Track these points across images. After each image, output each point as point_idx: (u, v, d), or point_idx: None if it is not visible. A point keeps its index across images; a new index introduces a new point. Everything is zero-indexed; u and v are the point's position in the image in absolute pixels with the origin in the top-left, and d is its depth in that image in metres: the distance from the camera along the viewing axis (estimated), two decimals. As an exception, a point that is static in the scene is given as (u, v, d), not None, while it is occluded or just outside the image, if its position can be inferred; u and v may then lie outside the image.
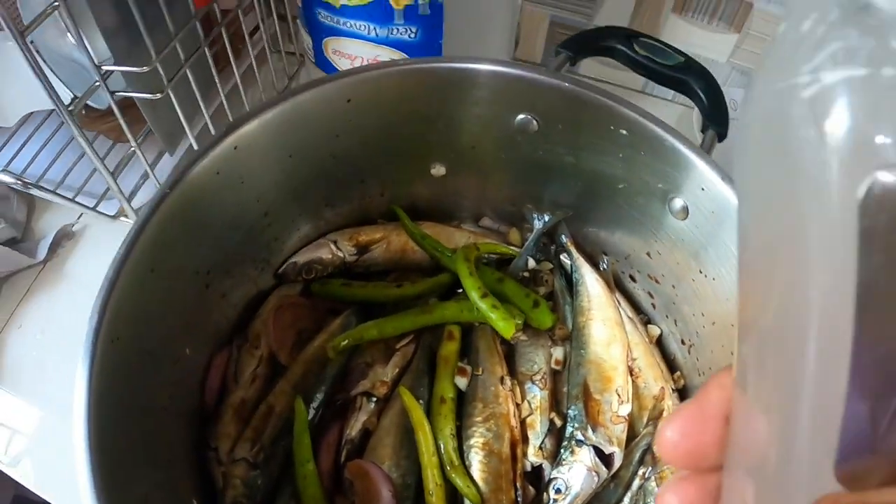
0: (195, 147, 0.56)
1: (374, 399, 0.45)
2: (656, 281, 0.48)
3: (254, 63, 0.62)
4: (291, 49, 0.65)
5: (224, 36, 0.55)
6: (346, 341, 0.46)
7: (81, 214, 0.62)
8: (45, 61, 0.57)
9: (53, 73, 0.58)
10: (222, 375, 0.47)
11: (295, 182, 0.46)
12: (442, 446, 0.43)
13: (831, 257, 0.12)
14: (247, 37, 0.59)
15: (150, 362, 0.39)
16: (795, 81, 0.12)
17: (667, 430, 0.17)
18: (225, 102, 0.58)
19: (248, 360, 0.47)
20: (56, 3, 0.45)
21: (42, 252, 0.59)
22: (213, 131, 0.58)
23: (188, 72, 0.52)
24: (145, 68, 0.48)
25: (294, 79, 0.64)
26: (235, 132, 0.41)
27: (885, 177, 0.11)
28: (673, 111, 0.67)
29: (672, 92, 0.52)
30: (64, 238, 0.61)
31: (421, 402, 0.45)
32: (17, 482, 0.50)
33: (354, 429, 0.44)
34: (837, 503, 0.13)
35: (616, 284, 0.51)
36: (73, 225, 0.62)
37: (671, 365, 0.49)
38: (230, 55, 0.57)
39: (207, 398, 0.46)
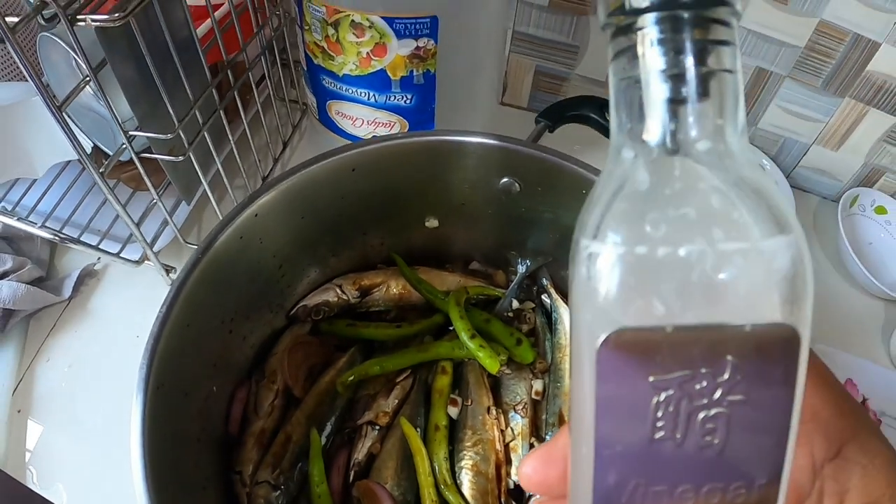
0: (209, 194, 0.62)
1: (378, 427, 0.52)
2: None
3: (260, 110, 0.67)
4: (294, 97, 0.71)
5: (237, 98, 0.60)
6: (353, 377, 0.52)
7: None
8: (69, 116, 0.62)
9: (75, 123, 0.62)
10: (244, 407, 0.53)
11: (306, 238, 0.52)
12: (437, 468, 0.50)
13: (589, 375, 0.17)
14: (254, 88, 0.65)
15: (186, 401, 0.45)
16: (585, 242, 0.17)
17: (523, 466, 0.22)
18: (235, 150, 0.64)
19: (266, 393, 0.53)
20: (87, 78, 0.50)
21: (67, 290, 0.64)
22: (224, 178, 0.63)
23: (205, 134, 0.57)
24: (169, 135, 0.53)
25: (297, 127, 0.70)
26: (256, 202, 0.47)
27: (615, 335, 0.16)
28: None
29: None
30: (87, 276, 0.66)
31: (418, 429, 0.51)
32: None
33: (361, 453, 0.50)
34: None
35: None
36: (95, 264, 0.67)
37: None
38: (239, 107, 0.63)
39: (231, 428, 0.52)
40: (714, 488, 0.17)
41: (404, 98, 0.56)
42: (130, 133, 0.53)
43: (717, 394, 0.17)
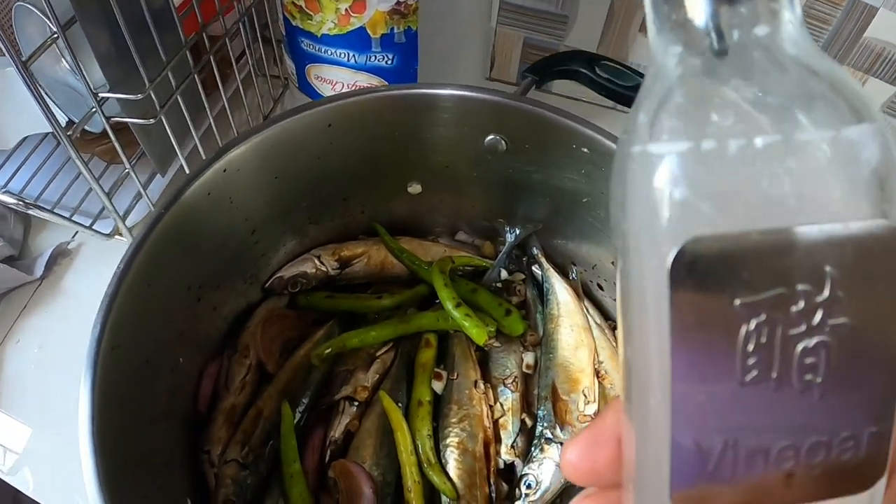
0: (186, 169, 0.59)
1: (356, 403, 0.48)
2: (620, 288, 0.52)
3: (240, 87, 0.65)
4: (276, 72, 0.69)
5: (212, 62, 0.58)
6: (330, 350, 0.49)
7: (77, 233, 0.65)
8: (41, 86, 0.60)
9: (49, 97, 0.60)
10: (214, 383, 0.49)
11: (281, 202, 0.49)
12: (420, 446, 0.46)
13: (657, 310, 0.14)
14: (234, 62, 0.63)
15: (149, 371, 0.42)
16: (638, 147, 0.14)
17: (566, 452, 0.18)
18: (213, 125, 0.61)
19: (238, 368, 0.49)
20: (55, 35, 0.48)
21: (39, 269, 0.62)
22: (202, 153, 0.61)
23: (179, 98, 0.55)
24: (139, 96, 0.51)
25: (279, 102, 0.68)
26: (225, 156, 0.44)
27: (690, 246, 0.13)
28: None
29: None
30: (60, 255, 0.64)
31: (400, 405, 0.48)
32: (16, 489, 0.53)
33: (338, 431, 0.47)
34: None
35: (585, 292, 0.54)
36: (68, 243, 0.65)
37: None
38: (218, 80, 0.61)
39: (200, 405, 0.48)
40: (818, 443, 0.14)
41: (385, 58, 0.53)
42: (101, 95, 0.51)
43: (817, 317, 0.14)
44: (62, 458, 0.52)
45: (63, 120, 0.61)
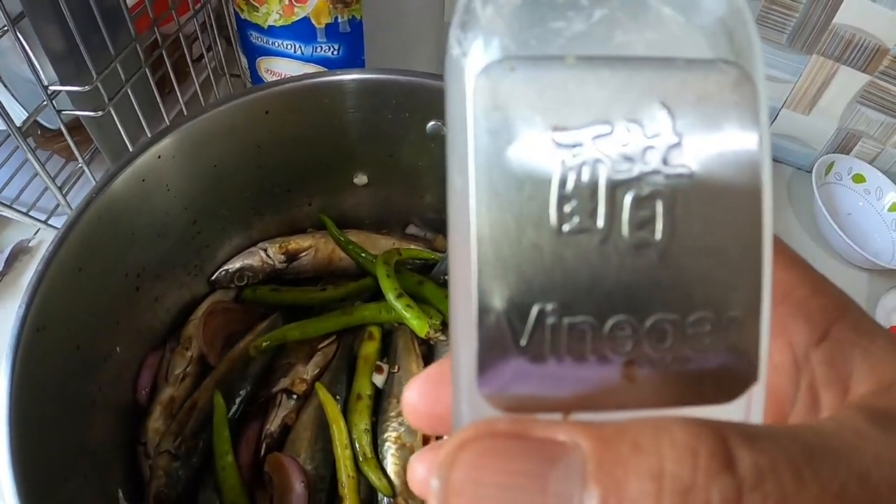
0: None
1: (295, 396, 0.47)
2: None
3: (198, 87, 0.65)
4: (237, 72, 0.69)
5: (166, 59, 0.58)
6: (268, 342, 0.48)
7: (38, 231, 0.65)
8: (3, 83, 0.60)
9: (10, 92, 0.61)
10: (154, 374, 0.49)
11: (221, 191, 0.49)
12: (356, 440, 0.45)
13: (463, 144, 0.12)
14: (190, 61, 0.63)
15: (78, 357, 0.41)
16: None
17: (407, 391, 0.16)
18: (168, 124, 0.62)
19: (179, 360, 0.49)
20: (5, 28, 0.48)
21: (-1, 266, 0.62)
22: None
23: (129, 92, 0.55)
24: (87, 87, 0.51)
25: (241, 99, 0.68)
26: (159, 142, 0.44)
27: (493, 66, 0.12)
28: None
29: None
30: (20, 253, 0.64)
31: (338, 398, 0.47)
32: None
33: (274, 424, 0.46)
34: (492, 429, 0.11)
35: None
36: (29, 241, 0.65)
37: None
38: (173, 78, 0.61)
39: (139, 396, 0.48)
40: (662, 324, 0.12)
41: (331, 49, 0.53)
42: (52, 88, 0.52)
43: (651, 160, 0.12)
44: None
45: (23, 116, 0.62)
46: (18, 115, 0.57)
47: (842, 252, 0.64)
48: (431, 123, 0.48)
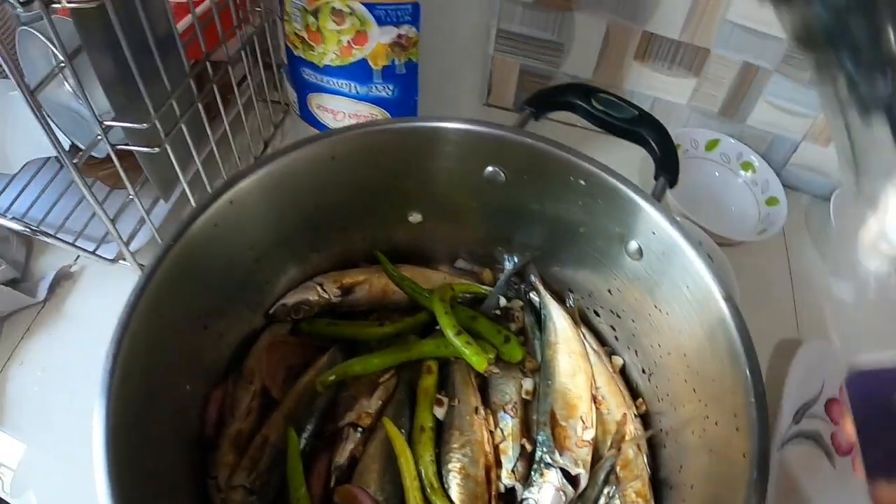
0: (189, 195, 0.60)
1: (360, 429, 0.49)
2: (618, 315, 0.53)
3: (242, 112, 0.66)
4: (276, 97, 0.70)
5: (215, 89, 0.59)
6: (334, 377, 0.50)
7: (79, 256, 0.66)
8: (46, 112, 0.60)
9: (52, 120, 0.61)
10: (219, 408, 0.50)
11: (284, 231, 0.50)
12: (423, 471, 0.47)
13: None
14: (235, 87, 0.64)
15: (156, 398, 0.43)
16: None
17: None
18: (215, 150, 0.62)
19: (243, 394, 0.50)
20: (62, 64, 0.49)
21: (42, 292, 0.62)
22: (204, 178, 0.62)
23: (183, 126, 0.56)
24: (145, 125, 0.52)
25: (279, 127, 0.69)
26: (232, 189, 0.45)
27: None
28: (637, 150, 0.72)
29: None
30: (63, 278, 0.64)
31: (403, 431, 0.49)
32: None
33: (343, 456, 0.48)
34: None
35: (581, 319, 0.55)
36: (71, 266, 0.65)
37: (634, 392, 0.53)
38: (220, 106, 0.62)
39: (206, 430, 0.49)
40: None
41: (386, 89, 0.54)
42: (106, 123, 0.52)
43: None
44: (66, 479, 0.53)
45: (66, 143, 0.62)
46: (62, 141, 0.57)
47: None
48: (489, 169, 0.50)
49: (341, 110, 0.57)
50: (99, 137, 0.53)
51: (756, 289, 0.67)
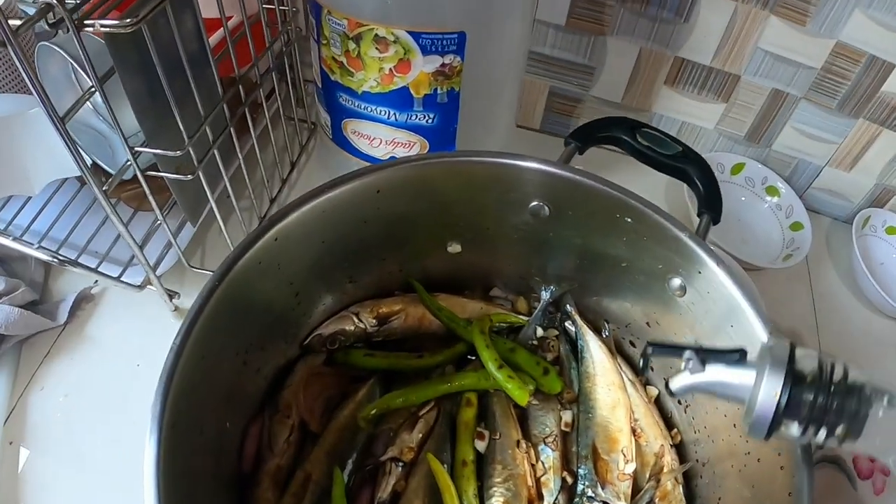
0: (217, 215, 0.59)
1: (402, 463, 0.49)
2: (654, 347, 0.53)
3: (270, 128, 0.64)
4: (302, 116, 0.68)
5: (248, 116, 0.57)
6: (375, 410, 0.49)
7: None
8: (67, 132, 0.59)
9: (74, 142, 0.59)
10: (257, 443, 0.49)
11: (324, 264, 0.50)
12: (467, 507, 0.47)
13: None
14: (265, 106, 0.62)
15: (201, 438, 0.42)
16: None
17: None
18: (244, 167, 0.61)
19: (281, 428, 0.50)
20: (93, 89, 0.47)
21: (63, 315, 0.61)
22: (233, 200, 0.60)
23: (216, 151, 0.54)
24: (178, 152, 0.50)
25: (305, 147, 0.67)
26: (277, 225, 0.44)
27: None
28: (663, 178, 0.72)
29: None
30: (84, 301, 0.63)
31: (444, 465, 0.49)
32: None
33: (385, 491, 0.47)
34: None
35: (617, 348, 0.55)
36: (91, 288, 0.64)
37: (668, 422, 0.54)
38: (251, 126, 0.60)
39: (245, 465, 0.48)
40: None
41: (426, 117, 0.53)
42: (136, 149, 0.50)
43: None
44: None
45: (87, 162, 0.60)
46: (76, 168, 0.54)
47: (876, 302, 0.68)
48: (533, 203, 0.49)
49: (378, 136, 0.56)
50: (128, 164, 0.51)
51: (778, 312, 0.68)
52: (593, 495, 0.48)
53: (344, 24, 0.49)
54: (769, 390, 0.29)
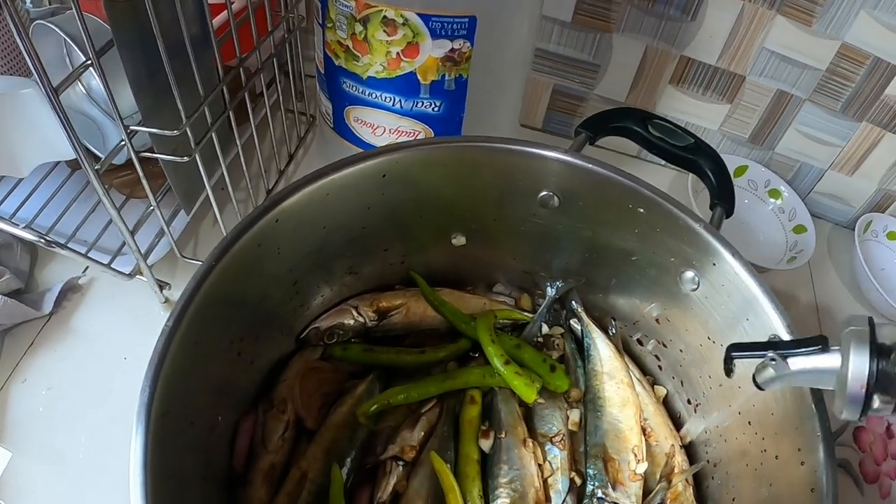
0: (213, 204, 0.57)
1: (403, 462, 0.47)
2: (664, 345, 0.52)
3: (269, 119, 0.63)
4: (301, 108, 0.67)
5: (247, 100, 0.56)
6: (376, 406, 0.47)
7: (88, 267, 0.62)
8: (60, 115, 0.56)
9: (67, 125, 0.57)
10: (250, 439, 0.47)
11: (325, 252, 0.48)
12: (471, 507, 0.45)
13: None
14: (265, 94, 0.61)
15: (191, 432, 0.40)
16: None
17: None
18: (241, 155, 0.59)
19: (276, 424, 0.47)
20: (88, 62, 0.45)
21: (48, 305, 0.58)
22: (230, 188, 0.58)
23: (213, 134, 0.53)
24: (176, 132, 0.49)
25: (304, 139, 0.66)
26: (279, 206, 0.42)
27: None
28: (666, 176, 0.71)
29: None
30: (70, 291, 0.60)
31: (448, 464, 0.47)
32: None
33: (386, 492, 0.45)
34: None
35: (624, 347, 0.54)
36: (79, 278, 0.61)
37: (676, 423, 0.52)
38: (250, 113, 0.59)
39: (236, 462, 0.46)
40: None
41: (432, 105, 0.52)
42: (132, 128, 0.48)
43: None
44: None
45: (80, 140, 0.58)
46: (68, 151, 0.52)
47: (878, 307, 0.68)
48: (543, 193, 0.48)
49: (382, 125, 0.54)
50: (123, 143, 0.49)
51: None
52: (604, 496, 0.46)
53: (352, 5, 0.48)
54: (857, 367, 0.28)
